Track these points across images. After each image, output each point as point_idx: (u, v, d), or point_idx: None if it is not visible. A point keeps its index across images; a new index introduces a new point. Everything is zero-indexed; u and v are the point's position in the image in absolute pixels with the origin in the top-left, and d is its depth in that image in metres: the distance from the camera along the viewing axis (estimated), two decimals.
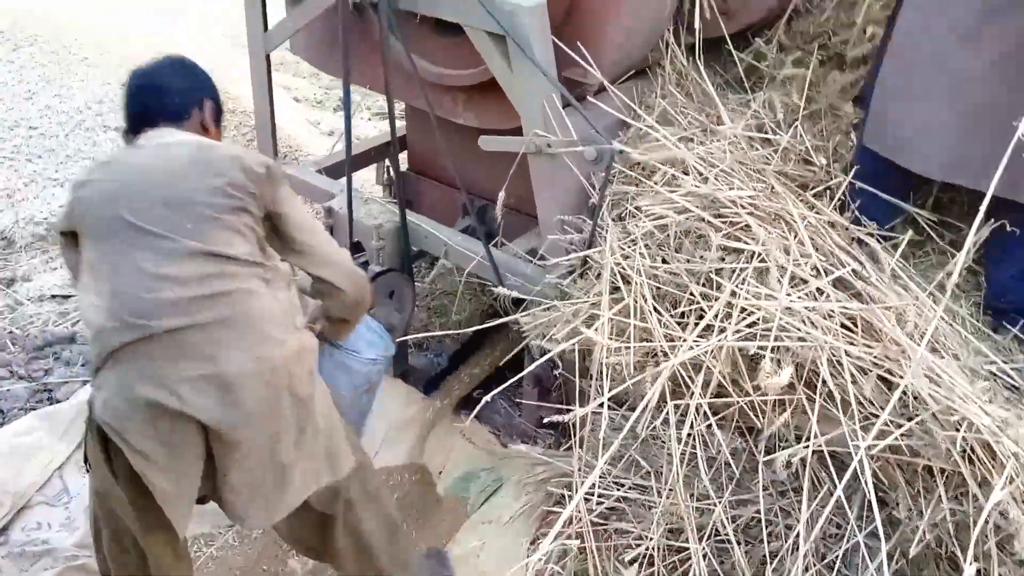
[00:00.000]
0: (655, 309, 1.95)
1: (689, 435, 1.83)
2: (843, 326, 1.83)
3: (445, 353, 3.22)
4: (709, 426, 1.83)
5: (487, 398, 1.97)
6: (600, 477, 2.08)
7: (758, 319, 1.81)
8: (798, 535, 1.71)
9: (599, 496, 2.10)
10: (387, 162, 3.31)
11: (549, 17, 2.06)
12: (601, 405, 1.85)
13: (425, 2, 2.15)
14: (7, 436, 2.37)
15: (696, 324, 1.90)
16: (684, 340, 1.84)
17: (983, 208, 1.51)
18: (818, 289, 1.84)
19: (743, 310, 1.82)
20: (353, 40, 2.57)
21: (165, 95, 1.68)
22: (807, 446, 1.69)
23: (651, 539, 2.00)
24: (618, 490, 2.12)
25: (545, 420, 2.05)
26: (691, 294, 1.95)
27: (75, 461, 2.46)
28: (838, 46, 2.41)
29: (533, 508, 2.44)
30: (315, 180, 2.88)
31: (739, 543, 1.92)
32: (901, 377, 1.72)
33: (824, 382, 1.73)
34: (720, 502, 1.91)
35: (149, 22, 5.00)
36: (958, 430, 1.60)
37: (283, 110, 4.97)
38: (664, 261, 2.03)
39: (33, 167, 3.57)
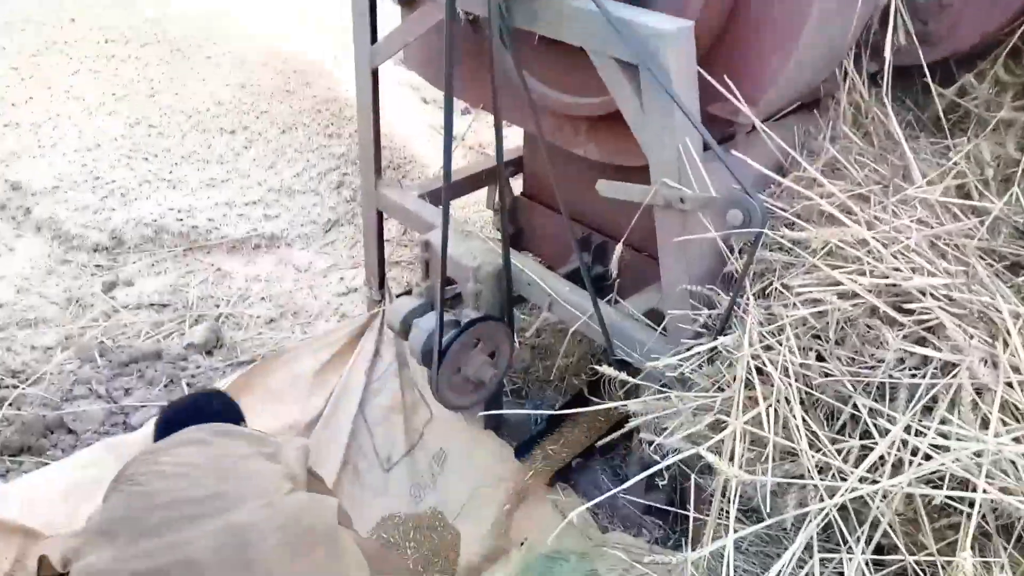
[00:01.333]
0: (804, 422, 1.52)
1: None
2: None
3: (546, 403, 2.87)
4: None
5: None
6: None
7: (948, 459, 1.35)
8: None
9: None
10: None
11: (696, 43, 1.66)
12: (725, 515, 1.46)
13: (545, 21, 1.79)
14: (70, 468, 2.24)
15: (861, 451, 1.46)
16: (844, 476, 1.41)
17: None
18: None
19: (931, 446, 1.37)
20: (467, 57, 2.26)
21: None
22: None
23: None
24: None
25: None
26: (855, 407, 1.51)
27: None
28: None
29: None
30: (415, 207, 2.60)
31: None
32: None
33: None
34: None
35: (271, 21, 4.87)
36: None
37: (407, 113, 4.77)
38: (820, 358, 1.59)
39: (148, 166, 3.52)
